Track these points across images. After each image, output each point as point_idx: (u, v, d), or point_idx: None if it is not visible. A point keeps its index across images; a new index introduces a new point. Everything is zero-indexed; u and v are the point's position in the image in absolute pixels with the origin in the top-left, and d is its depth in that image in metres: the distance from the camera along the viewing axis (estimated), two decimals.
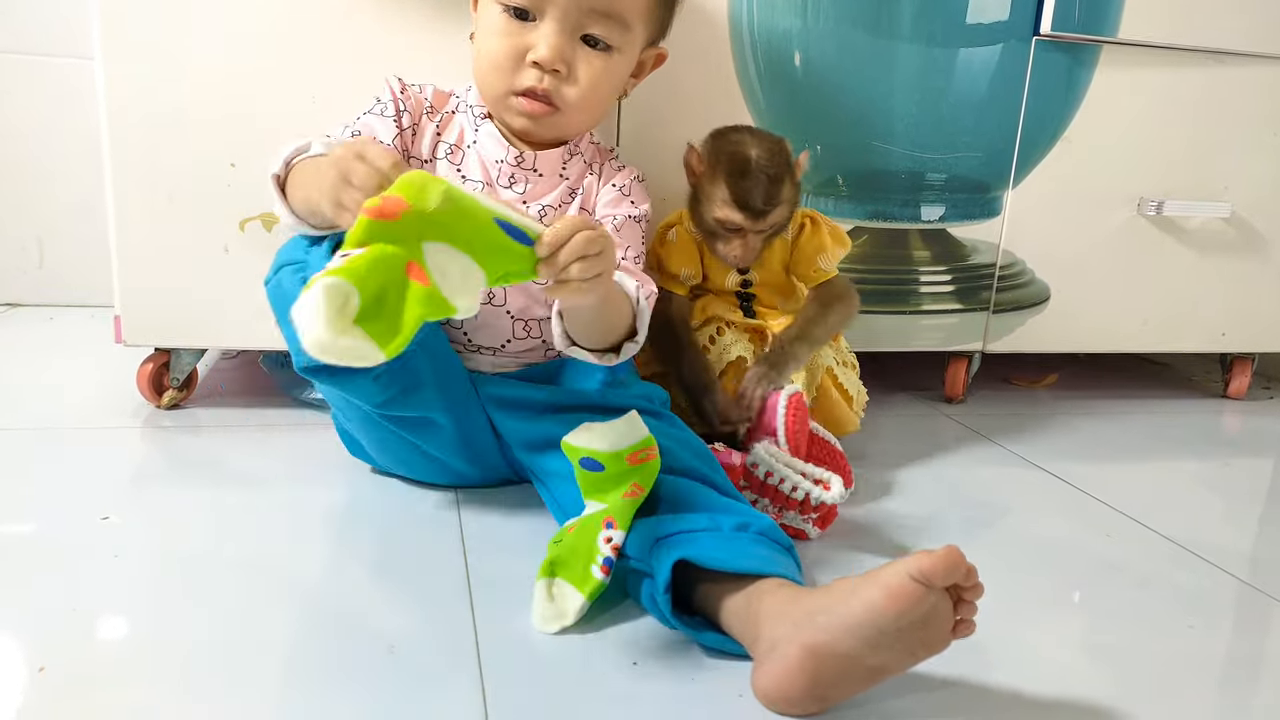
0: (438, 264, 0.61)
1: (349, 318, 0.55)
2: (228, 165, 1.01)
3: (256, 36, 0.99)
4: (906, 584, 0.58)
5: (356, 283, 0.56)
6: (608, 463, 0.77)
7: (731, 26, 1.10)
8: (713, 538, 0.70)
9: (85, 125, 1.25)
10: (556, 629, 0.69)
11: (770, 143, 0.97)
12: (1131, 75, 1.24)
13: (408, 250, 0.59)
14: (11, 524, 0.81)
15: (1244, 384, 1.48)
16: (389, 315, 0.58)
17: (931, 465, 1.09)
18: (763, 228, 0.97)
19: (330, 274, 0.55)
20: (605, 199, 0.93)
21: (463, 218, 0.62)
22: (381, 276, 0.58)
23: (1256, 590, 0.85)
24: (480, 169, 0.90)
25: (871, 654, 0.59)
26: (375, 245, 0.58)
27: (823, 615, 0.60)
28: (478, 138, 0.91)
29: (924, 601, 0.58)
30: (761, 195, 0.94)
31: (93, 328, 1.41)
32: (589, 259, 0.66)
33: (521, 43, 0.85)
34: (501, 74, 0.86)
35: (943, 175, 1.21)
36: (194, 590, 0.72)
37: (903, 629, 0.59)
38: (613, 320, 0.82)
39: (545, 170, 0.91)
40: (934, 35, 1.15)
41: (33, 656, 0.62)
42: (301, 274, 0.76)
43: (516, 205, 0.79)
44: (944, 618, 0.60)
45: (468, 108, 0.92)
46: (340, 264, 0.57)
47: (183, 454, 0.98)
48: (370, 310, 0.56)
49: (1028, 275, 1.28)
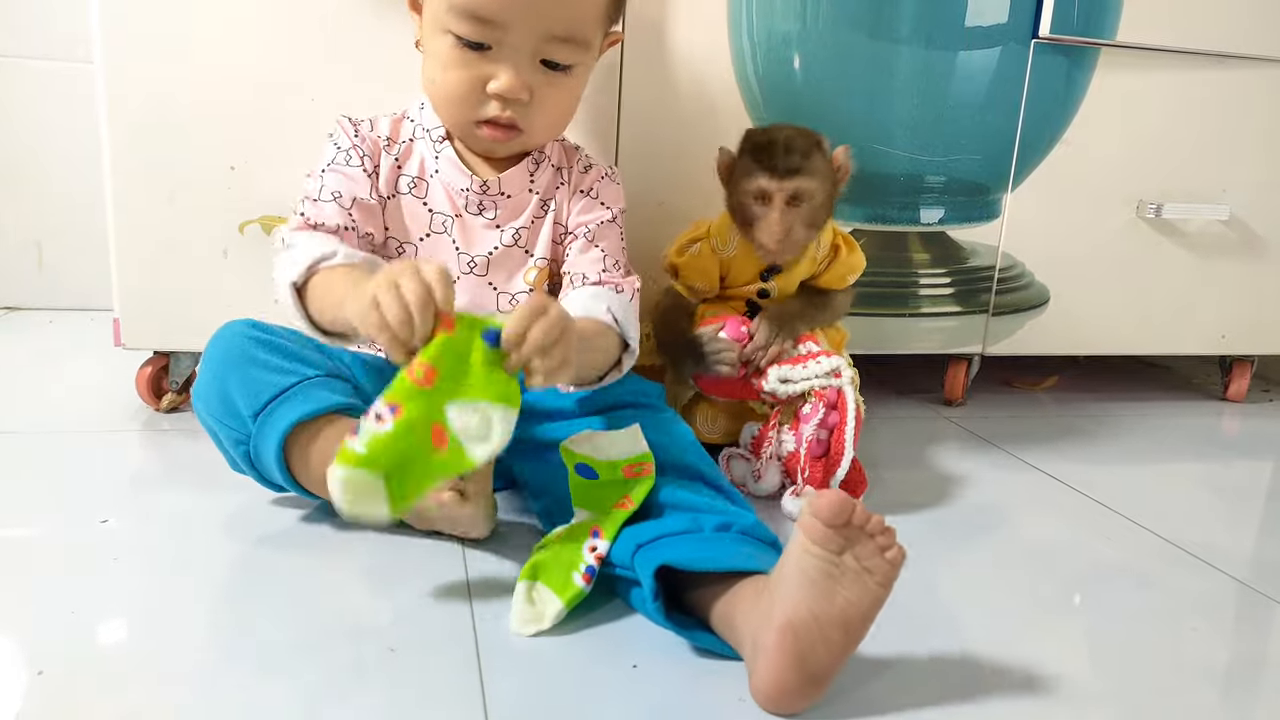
0: (459, 420, 0.67)
1: (369, 493, 0.65)
2: (227, 168, 1.01)
3: (256, 39, 0.99)
4: (809, 520, 0.60)
5: (380, 471, 0.65)
6: (603, 471, 0.77)
7: (730, 29, 1.10)
8: (693, 540, 0.70)
9: (85, 129, 1.25)
10: (533, 631, 0.68)
11: (799, 127, 0.96)
12: (1130, 78, 1.24)
13: (434, 413, 0.66)
14: (11, 527, 0.80)
15: (1243, 386, 1.48)
16: (408, 486, 0.66)
17: (931, 468, 1.09)
18: (795, 189, 0.93)
19: (357, 462, 0.64)
20: (577, 209, 0.92)
21: (477, 367, 0.67)
22: (406, 453, 0.65)
23: (1257, 592, 0.85)
24: (446, 200, 0.89)
25: (829, 602, 0.59)
26: (404, 415, 0.65)
27: (777, 590, 0.61)
28: (439, 166, 0.89)
29: (834, 537, 0.60)
30: (783, 154, 0.93)
31: (92, 331, 1.41)
32: (548, 350, 0.67)
33: (479, 74, 0.82)
34: (462, 106, 0.84)
35: (942, 178, 1.21)
36: (193, 593, 0.72)
37: (837, 565, 0.60)
38: (597, 358, 0.83)
39: (513, 190, 0.90)
40: (933, 38, 1.15)
41: (32, 659, 0.62)
42: (244, 445, 0.79)
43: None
44: (870, 551, 0.61)
45: (425, 132, 0.90)
46: (368, 443, 0.64)
47: (181, 457, 0.98)
48: (390, 482, 0.65)
49: (1027, 278, 1.28)
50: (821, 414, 0.92)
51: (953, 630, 0.73)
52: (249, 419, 0.78)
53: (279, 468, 0.78)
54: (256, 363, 0.79)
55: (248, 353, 0.80)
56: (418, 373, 0.65)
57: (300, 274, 0.76)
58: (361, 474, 0.64)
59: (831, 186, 0.97)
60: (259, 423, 0.78)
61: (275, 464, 0.78)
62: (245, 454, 0.80)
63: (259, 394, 0.78)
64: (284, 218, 1.03)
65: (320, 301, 0.76)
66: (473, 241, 0.89)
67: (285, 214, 1.02)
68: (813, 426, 0.92)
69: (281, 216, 1.03)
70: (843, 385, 0.93)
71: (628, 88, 1.08)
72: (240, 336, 0.81)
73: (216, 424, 0.81)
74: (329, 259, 0.77)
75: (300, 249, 0.79)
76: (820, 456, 0.92)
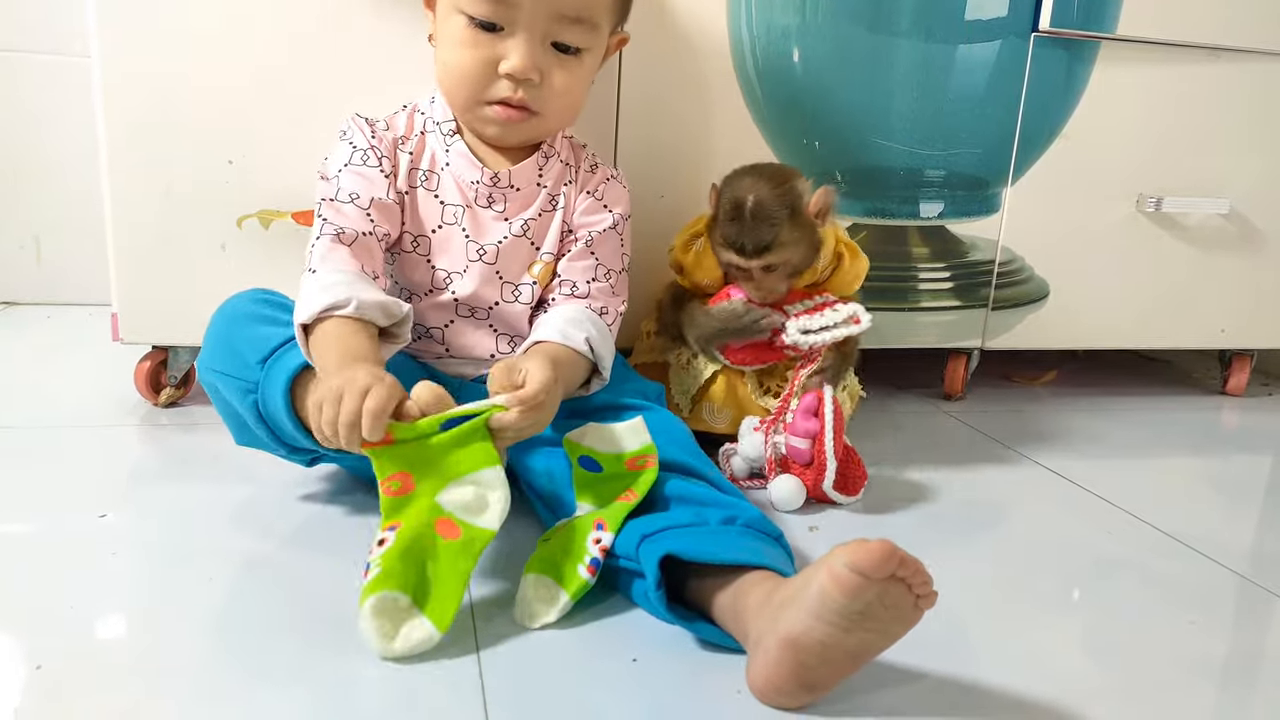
0: (457, 503, 0.68)
1: (404, 617, 0.64)
2: (225, 162, 1.01)
3: (254, 33, 0.98)
4: (845, 573, 0.57)
5: (397, 584, 0.64)
6: (606, 464, 0.77)
7: (730, 23, 1.10)
8: (699, 532, 0.70)
9: (83, 123, 1.24)
10: (538, 625, 0.68)
11: (774, 184, 0.95)
12: (1130, 71, 1.24)
13: (431, 511, 0.68)
14: (9, 522, 0.80)
15: (1243, 380, 1.48)
16: (438, 591, 0.65)
17: (930, 462, 1.09)
18: (767, 263, 0.96)
19: (376, 585, 0.64)
20: (581, 208, 0.92)
21: (447, 450, 0.69)
22: (420, 558, 0.66)
23: (1257, 586, 0.85)
24: (456, 191, 0.89)
25: (845, 636, 0.59)
26: (404, 526, 0.66)
27: (790, 606, 0.60)
28: (449, 159, 0.89)
29: (869, 589, 0.57)
30: (752, 239, 0.94)
31: (90, 326, 1.41)
32: (531, 427, 0.72)
33: (491, 54, 0.83)
34: (473, 85, 0.85)
35: (941, 172, 1.21)
36: (192, 588, 0.72)
37: (863, 611, 0.58)
38: (569, 391, 0.84)
39: (522, 184, 0.90)
40: (933, 31, 1.15)
41: (30, 654, 0.62)
42: (252, 395, 0.79)
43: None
44: (901, 596, 0.59)
45: (435, 125, 0.90)
46: (379, 563, 0.65)
47: (180, 452, 0.98)
48: (419, 595, 0.65)
49: (1026, 272, 1.28)
50: (805, 422, 0.93)
51: (951, 624, 0.73)
52: (256, 365, 0.78)
53: (285, 406, 0.75)
54: (265, 319, 0.81)
55: (257, 312, 0.81)
56: (394, 485, 0.68)
57: (310, 317, 0.76)
58: (384, 595, 0.63)
59: (812, 234, 0.98)
60: (267, 367, 0.77)
61: (282, 402, 0.75)
62: (253, 405, 0.79)
63: (268, 341, 0.79)
64: (282, 212, 1.03)
65: (315, 355, 0.76)
66: (483, 231, 0.89)
67: (283, 208, 1.03)
68: (799, 436, 0.93)
69: (280, 211, 1.02)
70: (825, 389, 0.93)
71: (626, 81, 1.08)
72: (248, 300, 0.84)
73: (223, 380, 0.80)
74: (341, 308, 0.76)
75: (321, 281, 0.78)
76: (807, 464, 0.93)
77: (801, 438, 0.92)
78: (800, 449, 0.92)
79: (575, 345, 0.84)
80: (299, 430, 0.76)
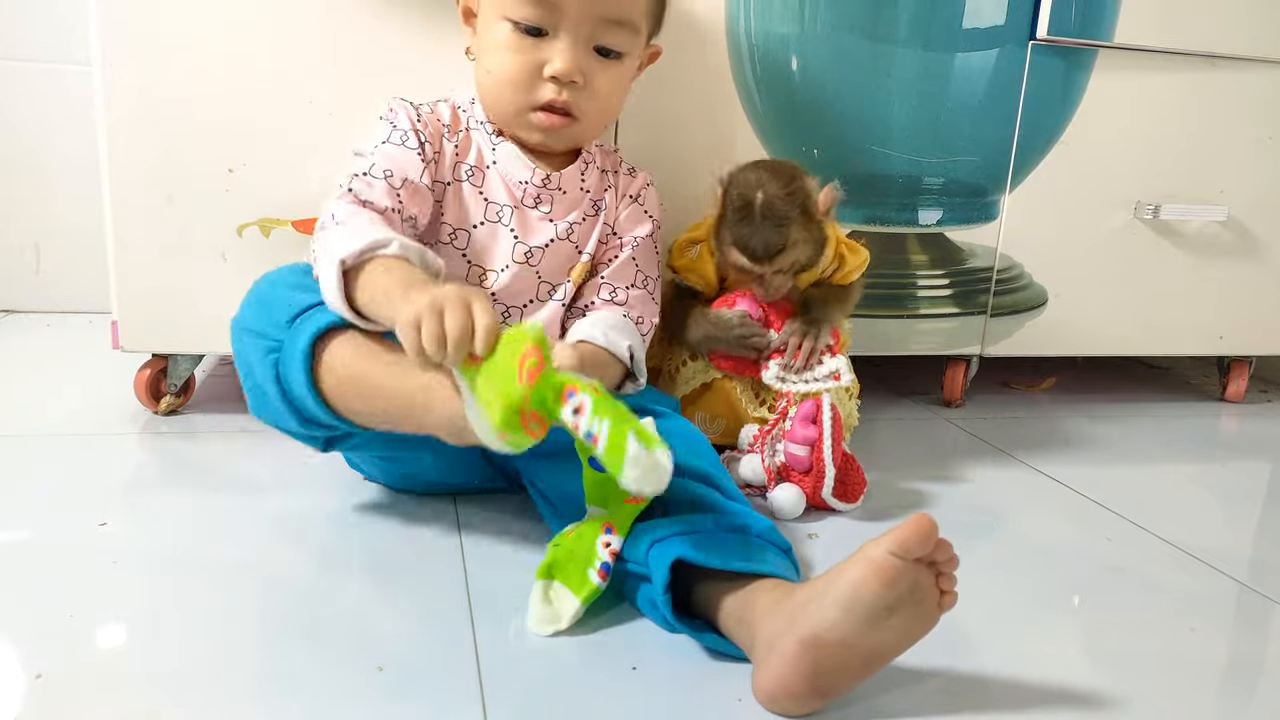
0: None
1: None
2: (225, 170, 1.01)
3: (255, 41, 0.99)
4: (887, 559, 0.58)
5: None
6: None
7: (728, 31, 1.10)
8: (709, 538, 0.70)
9: (83, 131, 1.25)
10: (551, 631, 0.68)
11: (781, 182, 0.95)
12: (1128, 79, 1.24)
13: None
14: (9, 530, 0.80)
15: (1242, 387, 1.48)
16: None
17: (930, 469, 1.09)
18: (778, 267, 0.96)
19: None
20: (625, 215, 0.95)
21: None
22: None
23: (1256, 592, 0.85)
24: (504, 190, 0.90)
25: (866, 635, 0.59)
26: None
27: (814, 603, 0.60)
28: (496, 157, 0.90)
29: (906, 575, 0.59)
30: (763, 242, 0.94)
31: (90, 334, 1.41)
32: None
33: (536, 58, 0.85)
34: (518, 90, 0.87)
35: (940, 179, 1.21)
36: (192, 597, 0.72)
37: (892, 606, 0.59)
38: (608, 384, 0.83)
39: (568, 187, 0.92)
40: (931, 40, 1.15)
41: (30, 662, 0.62)
42: (274, 354, 0.75)
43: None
44: (929, 590, 0.60)
45: (478, 124, 0.92)
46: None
47: (180, 460, 0.98)
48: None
49: (1025, 279, 1.29)
50: (803, 430, 0.93)
51: (952, 631, 0.73)
52: (285, 324, 0.75)
53: (304, 368, 0.73)
54: (306, 288, 0.78)
55: (300, 282, 0.79)
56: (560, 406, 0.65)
57: (353, 256, 0.74)
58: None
59: (819, 232, 0.98)
60: (294, 325, 0.75)
61: (301, 363, 0.73)
62: (273, 365, 0.75)
63: (300, 303, 0.76)
64: (282, 221, 1.03)
65: (367, 292, 0.73)
66: (530, 232, 0.90)
67: (284, 217, 1.03)
68: (797, 443, 0.93)
69: (280, 219, 1.03)
70: (824, 396, 0.93)
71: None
72: (292, 270, 0.81)
73: (250, 339, 0.78)
74: (384, 247, 0.74)
75: (353, 228, 0.77)
76: (806, 471, 0.93)
77: (800, 444, 0.92)
78: (799, 456, 0.92)
79: (619, 353, 0.85)
80: (312, 394, 0.73)
